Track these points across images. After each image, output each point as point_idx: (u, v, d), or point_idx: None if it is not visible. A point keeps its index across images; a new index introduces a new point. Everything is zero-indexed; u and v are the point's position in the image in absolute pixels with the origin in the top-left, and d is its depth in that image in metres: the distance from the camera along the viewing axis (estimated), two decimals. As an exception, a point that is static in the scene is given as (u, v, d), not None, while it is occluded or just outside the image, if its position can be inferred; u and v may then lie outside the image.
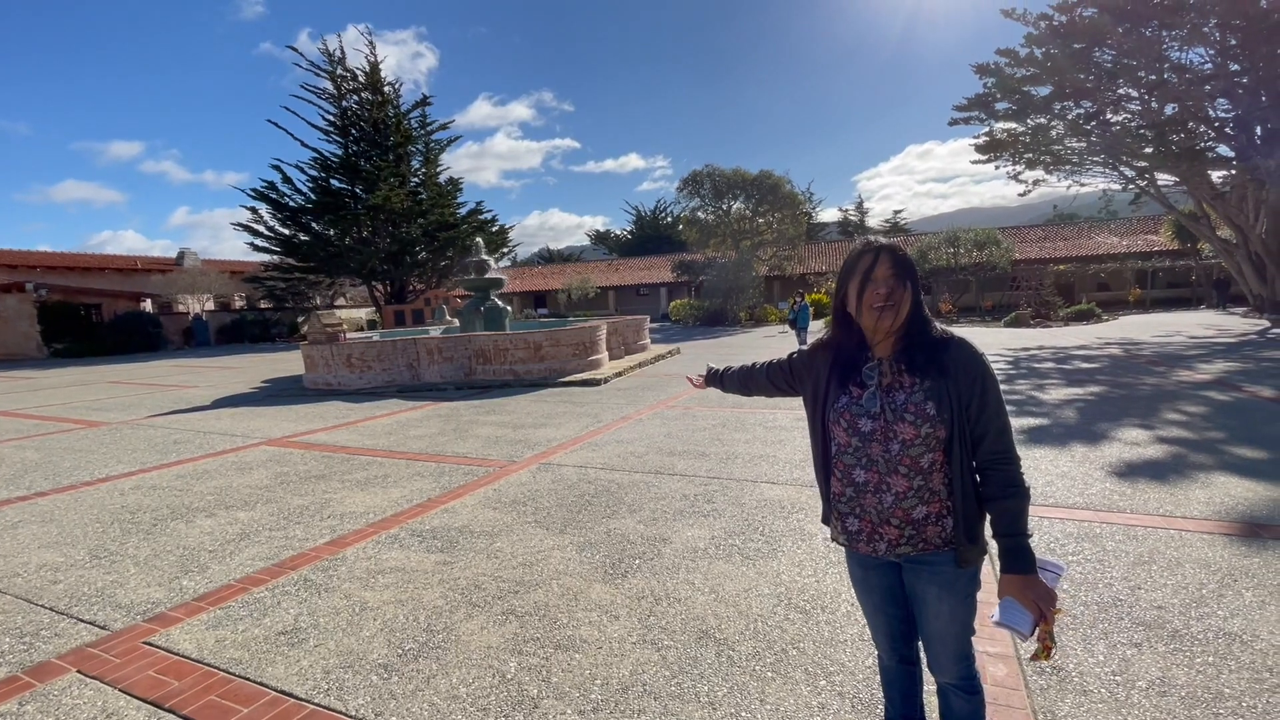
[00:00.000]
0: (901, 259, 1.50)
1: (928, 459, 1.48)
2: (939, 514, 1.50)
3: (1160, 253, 30.91)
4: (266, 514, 4.57)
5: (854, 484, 1.57)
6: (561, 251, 76.84)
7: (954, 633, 1.58)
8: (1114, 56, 19.18)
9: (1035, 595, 1.43)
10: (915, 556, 1.54)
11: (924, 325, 1.52)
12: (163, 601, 3.21)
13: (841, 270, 1.58)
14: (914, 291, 1.50)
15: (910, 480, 1.49)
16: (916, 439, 1.47)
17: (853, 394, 1.58)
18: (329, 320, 12.19)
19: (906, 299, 1.49)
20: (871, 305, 1.50)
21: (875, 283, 1.49)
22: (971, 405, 1.45)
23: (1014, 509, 1.45)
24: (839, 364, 1.63)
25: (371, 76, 31.15)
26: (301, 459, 6.27)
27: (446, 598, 3.12)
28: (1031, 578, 1.44)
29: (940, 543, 1.51)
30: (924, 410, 1.47)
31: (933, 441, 1.47)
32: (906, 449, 1.49)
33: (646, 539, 3.77)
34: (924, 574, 1.55)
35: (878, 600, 1.69)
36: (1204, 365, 10.29)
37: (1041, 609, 1.43)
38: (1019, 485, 1.46)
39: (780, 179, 32.91)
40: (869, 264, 1.51)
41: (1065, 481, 4.53)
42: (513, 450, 6.22)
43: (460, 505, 4.58)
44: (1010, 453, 1.47)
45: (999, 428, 1.46)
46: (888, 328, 1.51)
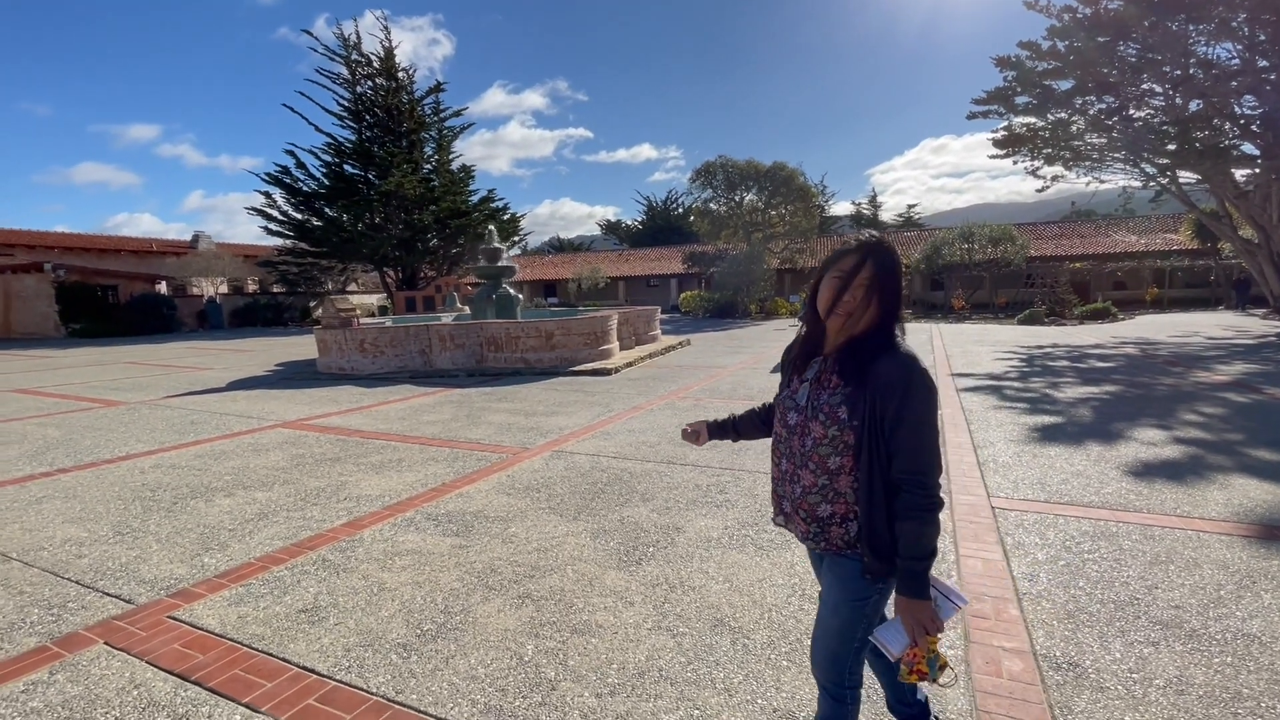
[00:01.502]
0: (879, 263, 1.45)
1: (835, 461, 1.51)
2: (844, 516, 1.52)
3: (1179, 252, 30.45)
4: (284, 495, 4.63)
5: (780, 470, 1.64)
6: (572, 241, 76.82)
7: (830, 628, 1.58)
8: (1138, 51, 18.83)
9: (914, 620, 1.43)
10: (821, 551, 1.59)
11: (880, 337, 1.48)
12: (185, 578, 3.27)
13: (825, 259, 1.55)
14: (883, 303, 1.47)
15: (816, 477, 1.53)
16: (824, 439, 1.51)
17: (792, 386, 1.63)
18: (343, 305, 12.26)
19: (870, 311, 1.47)
20: (827, 302, 1.50)
21: (841, 284, 1.47)
22: (886, 420, 1.42)
23: (911, 532, 1.42)
24: (797, 354, 1.66)
25: (386, 62, 31.12)
26: (317, 442, 6.34)
27: (463, 580, 3.16)
28: (915, 602, 1.43)
29: (843, 544, 1.53)
30: (836, 413, 1.49)
31: (840, 445, 1.49)
32: (816, 446, 1.52)
33: (660, 528, 3.79)
34: (828, 562, 1.60)
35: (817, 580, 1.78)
36: (1222, 366, 10.17)
37: (915, 634, 1.43)
38: (921, 510, 1.41)
39: (794, 171, 32.65)
40: (844, 263, 1.48)
41: (1081, 480, 4.50)
42: (525, 437, 6.26)
43: (474, 490, 4.62)
44: (921, 477, 1.41)
45: (913, 448, 1.41)
46: (838, 328, 1.51)
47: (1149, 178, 20.72)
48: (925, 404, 1.42)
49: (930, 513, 1.41)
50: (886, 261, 1.46)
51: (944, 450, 5.42)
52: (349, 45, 30.33)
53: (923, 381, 1.42)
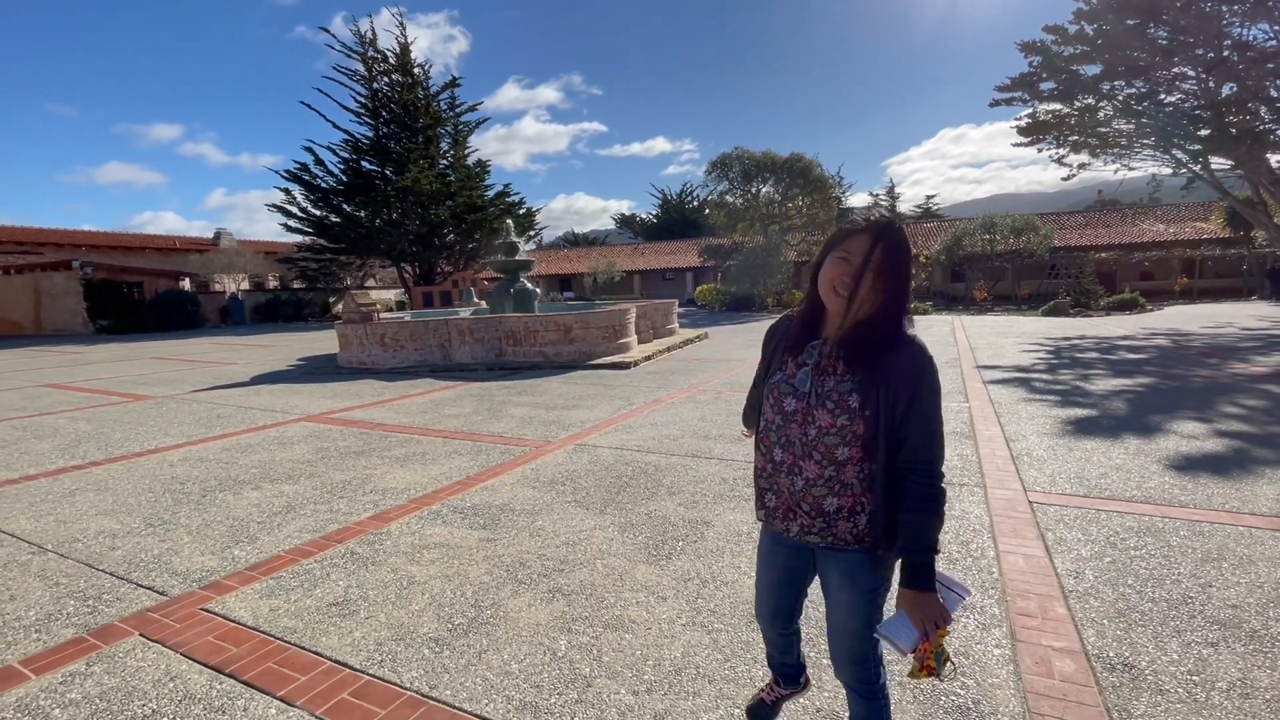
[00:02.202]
0: (891, 246, 1.37)
1: (843, 451, 1.44)
2: (851, 509, 1.46)
3: (1209, 241, 29.65)
4: (310, 488, 4.65)
5: (773, 461, 1.55)
6: (587, 235, 76.79)
7: (851, 629, 1.54)
8: (1170, 33, 18.28)
9: (924, 613, 1.39)
10: (825, 547, 1.52)
11: (888, 325, 1.41)
12: (216, 570, 3.28)
13: (829, 238, 1.46)
14: (891, 288, 1.39)
15: (822, 468, 1.46)
16: (832, 428, 1.44)
17: (787, 370, 1.54)
18: (363, 300, 12.34)
19: (875, 294, 1.39)
20: (833, 287, 1.42)
21: (848, 265, 1.39)
22: (898, 408, 1.38)
23: (919, 523, 1.39)
24: (792, 336, 1.56)
25: (402, 58, 31.22)
26: (340, 435, 6.37)
27: (492, 574, 3.13)
28: (925, 595, 1.39)
29: (851, 539, 1.47)
30: (846, 402, 1.42)
31: (849, 435, 1.42)
32: (822, 436, 1.45)
33: (688, 521, 3.74)
34: (831, 560, 1.53)
35: (776, 576, 1.69)
36: (1260, 358, 9.86)
37: (926, 629, 1.39)
38: (929, 500, 1.38)
39: (811, 162, 32.28)
40: (851, 243, 1.40)
41: (1121, 474, 4.37)
42: (547, 431, 6.23)
43: (499, 483, 4.60)
44: (930, 466, 1.39)
45: (924, 437, 1.38)
46: (836, 311, 1.43)
47: (1180, 164, 20.14)
48: (936, 394, 1.40)
49: (936, 502, 1.38)
50: (897, 243, 1.37)
51: (975, 443, 5.30)
52: (365, 42, 30.47)
53: (934, 371, 1.40)
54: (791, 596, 1.73)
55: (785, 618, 1.77)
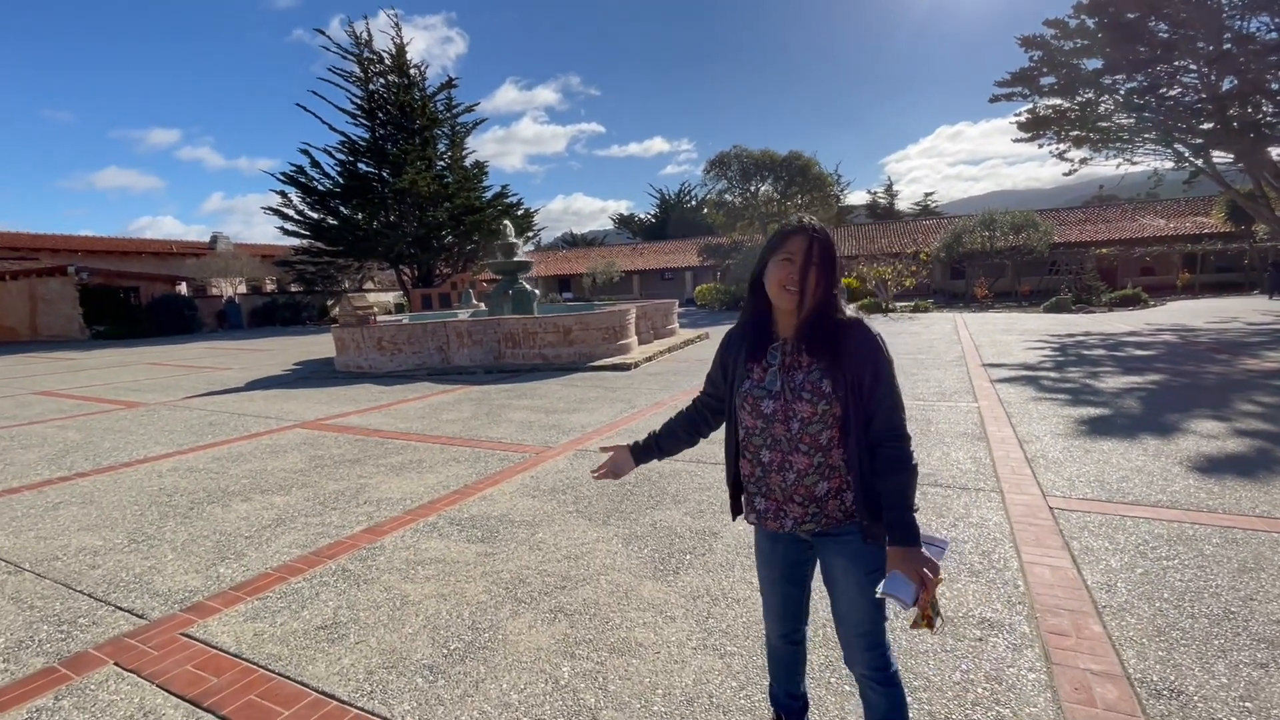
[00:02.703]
0: (823, 242, 1.51)
1: (825, 436, 1.53)
2: (839, 489, 1.56)
3: (1210, 235, 29.53)
4: (302, 499, 4.48)
5: (761, 464, 1.61)
6: (585, 236, 76.63)
7: (863, 610, 1.58)
8: (1170, 27, 18.13)
9: (912, 567, 1.45)
10: (821, 531, 1.59)
11: (830, 309, 1.53)
12: (200, 590, 3.12)
13: (767, 243, 1.58)
14: (827, 276, 1.51)
15: (811, 457, 1.54)
16: (814, 417, 1.52)
17: (754, 377, 1.61)
18: (360, 303, 12.17)
19: (819, 284, 1.50)
20: (784, 286, 1.51)
21: (792, 264, 1.50)
22: (864, 384, 1.48)
23: (898, 485, 1.47)
24: (748, 344, 1.64)
25: (398, 59, 31.04)
26: (335, 442, 6.21)
27: (490, 592, 2.97)
28: (914, 550, 1.46)
29: (841, 516, 1.56)
30: (820, 388, 1.52)
31: (829, 419, 1.52)
32: (805, 427, 1.53)
33: (695, 532, 3.58)
34: (831, 545, 1.59)
35: (778, 575, 1.73)
36: (1271, 353, 9.71)
37: (923, 578, 1.45)
38: (905, 463, 1.48)
39: (810, 160, 32.18)
40: (791, 244, 1.51)
41: (1142, 477, 4.21)
42: (547, 436, 6.07)
43: (498, 492, 4.44)
44: (899, 431, 1.49)
45: (889, 407, 1.49)
46: (790, 309, 1.53)
47: (1182, 158, 20.00)
48: (891, 365, 1.51)
49: (909, 462, 1.48)
50: (822, 237, 1.52)
51: (988, 445, 5.14)
52: (361, 43, 30.29)
53: (885, 345, 1.52)
54: (796, 591, 1.75)
55: (793, 616, 1.78)
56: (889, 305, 24.74)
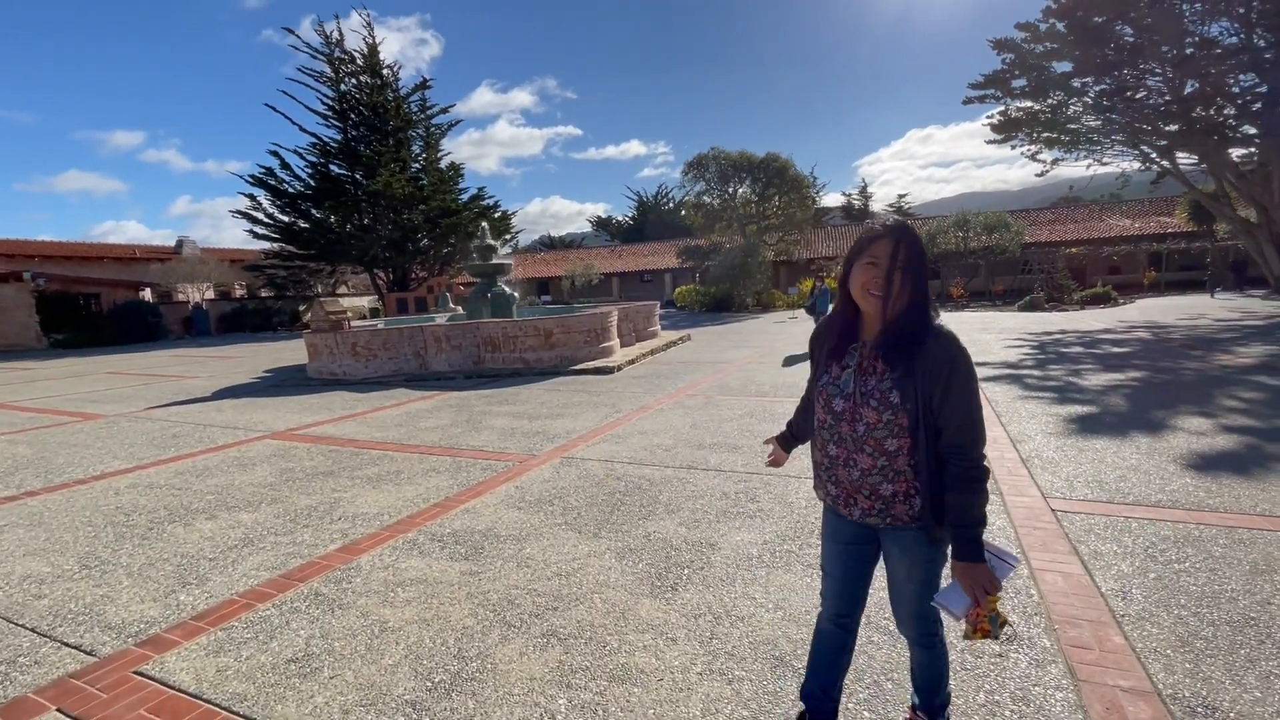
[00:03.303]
0: (910, 246, 1.49)
1: (892, 443, 1.54)
2: (906, 493, 1.56)
3: (1174, 235, 30.34)
4: (271, 516, 4.22)
5: (829, 457, 1.67)
6: (563, 238, 76.28)
7: (910, 590, 1.66)
8: (1135, 31, 18.55)
9: (973, 581, 1.48)
10: (886, 527, 1.62)
11: (917, 317, 1.51)
12: (157, 620, 2.86)
13: (852, 247, 1.58)
14: (915, 284, 1.49)
15: (874, 460, 1.56)
16: (879, 424, 1.54)
17: (832, 374, 1.65)
18: (333, 308, 11.81)
19: (904, 292, 1.49)
20: (868, 290, 1.52)
21: (876, 269, 1.50)
22: (934, 398, 1.47)
23: (962, 502, 1.47)
24: (834, 341, 1.67)
25: (370, 59, 30.47)
26: (307, 453, 5.92)
27: (477, 616, 2.77)
28: (972, 565, 1.48)
29: (908, 519, 1.58)
30: (888, 398, 1.52)
31: (895, 428, 1.52)
32: (871, 431, 1.55)
33: (691, 544, 3.42)
34: (891, 537, 1.65)
35: (841, 548, 1.75)
36: (1241, 349, 9.89)
37: (976, 595, 1.48)
38: (971, 480, 1.47)
39: (787, 161, 32.28)
40: (876, 248, 1.51)
41: (1139, 476, 4.16)
42: (531, 443, 5.86)
43: (481, 505, 4.22)
44: (967, 450, 1.47)
45: (960, 423, 1.47)
46: (875, 314, 1.54)
47: (1148, 160, 20.49)
48: (969, 380, 1.47)
49: (977, 482, 1.46)
50: (911, 241, 1.50)
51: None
52: (331, 43, 29.66)
53: (965, 358, 1.48)
54: (856, 570, 1.76)
55: (849, 597, 1.78)
56: (867, 305, 24.92)
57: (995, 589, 1.49)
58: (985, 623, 1.51)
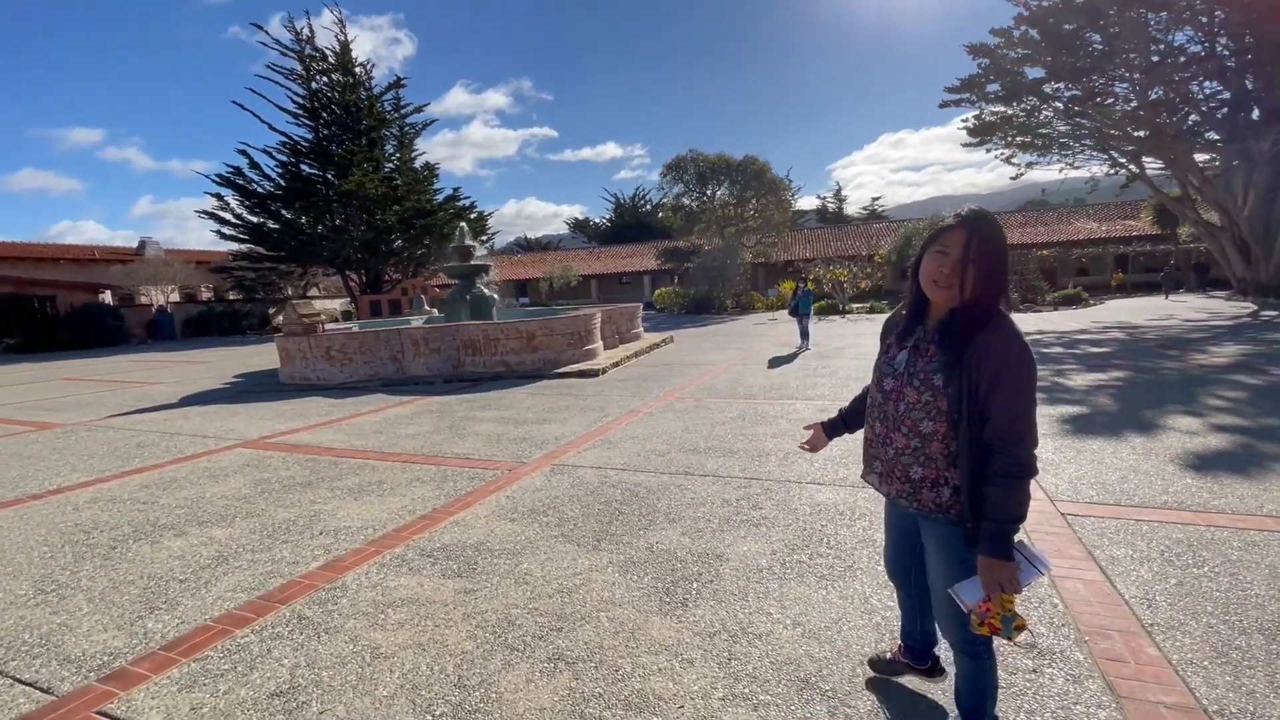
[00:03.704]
0: (984, 239, 1.49)
1: (928, 425, 1.56)
2: (935, 481, 1.58)
3: (1139, 237, 31.22)
4: (247, 531, 3.96)
5: (874, 434, 1.74)
6: (539, 240, 75.83)
7: (940, 589, 1.65)
8: (1104, 39, 19.01)
9: (993, 577, 1.47)
10: (916, 511, 1.66)
11: (980, 307, 1.50)
12: (123, 652, 2.62)
13: (928, 236, 1.60)
14: (983, 275, 1.48)
15: (909, 440, 1.61)
16: (917, 404, 1.58)
17: (890, 354, 1.71)
18: (306, 310, 11.43)
19: (969, 281, 1.49)
20: (932, 280, 1.55)
21: (945, 258, 1.51)
22: (982, 385, 1.46)
23: (996, 496, 1.45)
24: (902, 326, 1.72)
25: (342, 57, 29.85)
26: (283, 463, 5.64)
27: (475, 638, 2.58)
28: (994, 561, 1.47)
29: (934, 508, 1.60)
30: (931, 380, 1.55)
31: (933, 410, 1.55)
32: (909, 411, 1.60)
33: (697, 555, 3.27)
34: (926, 526, 1.68)
35: (891, 535, 1.93)
36: (1215, 348, 10.11)
37: (990, 591, 1.49)
38: (1011, 476, 1.44)
39: (764, 164, 32.47)
40: (947, 238, 1.53)
41: (1141, 477, 4.13)
42: (519, 450, 5.67)
43: (472, 516, 4.02)
44: (1012, 445, 1.44)
45: (1006, 415, 1.44)
46: (939, 300, 1.56)
47: (1119, 164, 21.00)
48: (1022, 373, 1.45)
49: (1016, 479, 1.44)
50: (985, 233, 1.49)
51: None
52: (302, 40, 28.99)
53: (1020, 351, 1.46)
54: (906, 555, 1.87)
55: (902, 576, 1.94)
56: (846, 307, 25.12)
57: (1014, 590, 1.48)
58: (996, 620, 1.51)
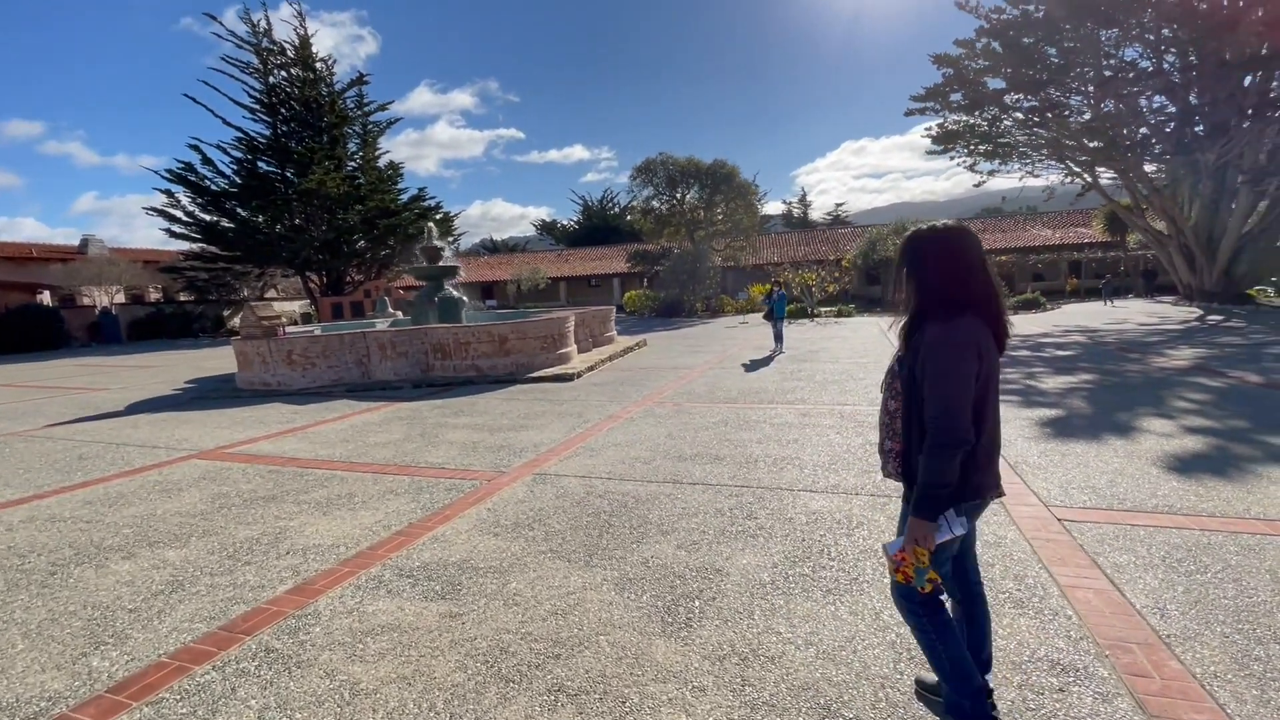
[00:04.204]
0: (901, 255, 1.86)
1: (893, 405, 1.89)
2: (899, 452, 1.88)
3: (1090, 245, 32.45)
4: (205, 551, 3.66)
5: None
6: (506, 241, 75.04)
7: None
8: (1059, 53, 19.67)
9: (911, 534, 1.74)
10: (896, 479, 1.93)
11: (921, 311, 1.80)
12: (64, 696, 2.33)
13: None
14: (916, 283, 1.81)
15: (883, 417, 1.94)
16: (887, 388, 1.92)
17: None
18: (266, 312, 10.91)
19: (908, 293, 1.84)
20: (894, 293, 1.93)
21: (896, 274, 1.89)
22: (918, 374, 1.76)
23: (926, 464, 1.71)
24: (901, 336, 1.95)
25: (301, 51, 28.90)
26: (243, 475, 5.29)
27: (466, 669, 2.38)
28: (916, 520, 1.72)
29: (895, 475, 1.92)
30: (894, 369, 1.89)
31: (894, 391, 1.89)
32: (886, 394, 1.93)
33: (695, 570, 3.12)
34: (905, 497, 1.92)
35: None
36: (1172, 352, 10.46)
37: (907, 544, 1.75)
38: (934, 446, 1.69)
39: (734, 168, 32.65)
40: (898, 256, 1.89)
41: (1127, 481, 4.15)
42: (497, 458, 5.44)
43: (452, 531, 3.80)
44: (934, 420, 1.69)
45: (932, 396, 1.71)
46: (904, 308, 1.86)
47: (1074, 173, 21.74)
48: (938, 362, 1.70)
49: (939, 449, 1.68)
50: (901, 250, 1.85)
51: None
52: (259, 32, 27.98)
53: (942, 343, 1.70)
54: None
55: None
56: (814, 310, 25.40)
57: (927, 545, 1.72)
58: (909, 568, 1.75)
